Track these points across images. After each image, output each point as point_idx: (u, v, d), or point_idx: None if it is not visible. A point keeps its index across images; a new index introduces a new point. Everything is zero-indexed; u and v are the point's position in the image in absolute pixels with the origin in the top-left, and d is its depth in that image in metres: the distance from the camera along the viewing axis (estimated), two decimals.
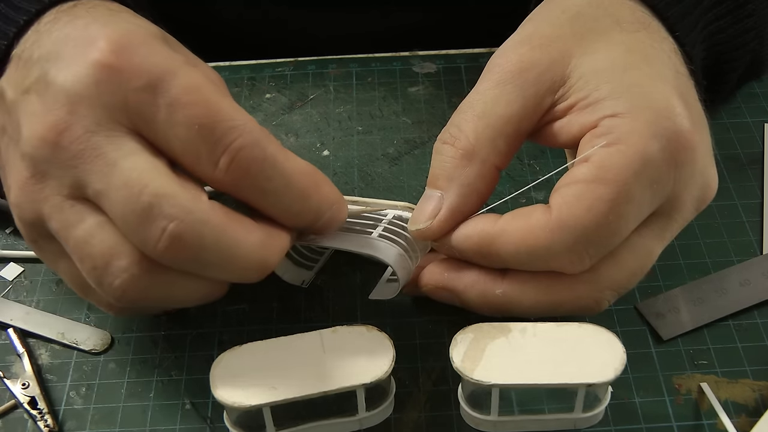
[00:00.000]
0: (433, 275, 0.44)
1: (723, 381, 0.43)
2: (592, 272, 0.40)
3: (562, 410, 0.41)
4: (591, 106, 0.40)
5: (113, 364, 0.45)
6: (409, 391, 0.44)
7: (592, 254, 0.39)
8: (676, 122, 0.39)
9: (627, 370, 0.42)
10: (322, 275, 0.49)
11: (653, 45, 0.42)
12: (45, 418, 0.43)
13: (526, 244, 0.39)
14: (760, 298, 0.46)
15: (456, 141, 0.41)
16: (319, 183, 0.39)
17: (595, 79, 0.40)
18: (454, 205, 0.41)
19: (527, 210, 0.40)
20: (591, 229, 0.38)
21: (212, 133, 0.36)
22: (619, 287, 0.41)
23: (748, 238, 0.50)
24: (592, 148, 0.39)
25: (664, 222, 0.41)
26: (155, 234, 0.35)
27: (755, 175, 0.53)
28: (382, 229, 0.44)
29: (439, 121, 0.57)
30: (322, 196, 0.39)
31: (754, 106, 0.57)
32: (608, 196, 0.38)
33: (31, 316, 0.47)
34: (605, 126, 0.39)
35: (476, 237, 0.41)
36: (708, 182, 0.41)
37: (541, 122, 0.42)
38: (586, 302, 0.41)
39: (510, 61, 0.42)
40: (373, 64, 0.61)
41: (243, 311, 0.47)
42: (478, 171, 0.41)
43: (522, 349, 0.40)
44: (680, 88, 0.41)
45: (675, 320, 0.46)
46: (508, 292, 0.41)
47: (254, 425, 0.41)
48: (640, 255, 0.41)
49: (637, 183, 0.38)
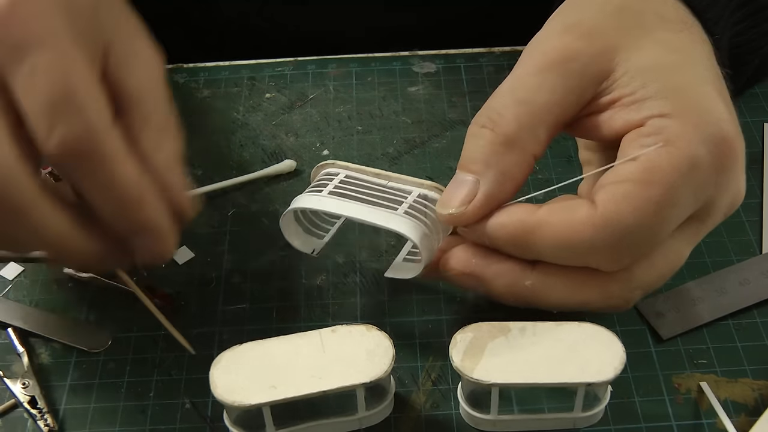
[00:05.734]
0: (460, 261, 0.42)
1: (722, 380, 0.43)
2: (625, 271, 0.40)
3: (561, 410, 0.41)
4: (637, 103, 0.39)
5: (113, 363, 0.45)
6: (409, 391, 0.44)
7: (633, 254, 0.39)
8: (722, 128, 0.39)
9: (627, 370, 0.42)
10: (322, 275, 0.49)
11: (695, 46, 0.42)
12: (45, 418, 0.43)
13: (567, 238, 0.38)
14: (760, 297, 0.46)
15: (496, 126, 0.40)
16: (142, 201, 0.38)
17: (641, 76, 0.40)
18: (491, 192, 0.40)
19: (569, 204, 0.39)
20: (635, 229, 0.38)
21: (54, 108, 0.36)
22: (648, 287, 0.41)
23: (747, 237, 0.50)
24: (641, 147, 0.38)
25: (698, 226, 0.41)
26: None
27: (755, 174, 0.53)
28: (407, 206, 0.42)
29: (438, 121, 0.57)
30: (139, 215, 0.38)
31: (753, 106, 0.57)
32: (656, 197, 0.37)
33: (31, 315, 0.47)
34: (653, 126, 0.38)
35: (512, 227, 0.40)
36: (740, 188, 0.42)
37: (581, 114, 0.41)
38: (616, 301, 0.41)
39: (554, 48, 0.41)
40: (373, 63, 0.61)
41: (243, 311, 0.47)
42: (517, 159, 0.40)
43: (522, 349, 0.40)
44: (723, 93, 0.41)
45: (675, 320, 0.46)
46: (537, 285, 0.41)
47: (254, 425, 0.41)
48: (672, 257, 0.41)
49: (683, 186, 0.38)
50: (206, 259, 0.50)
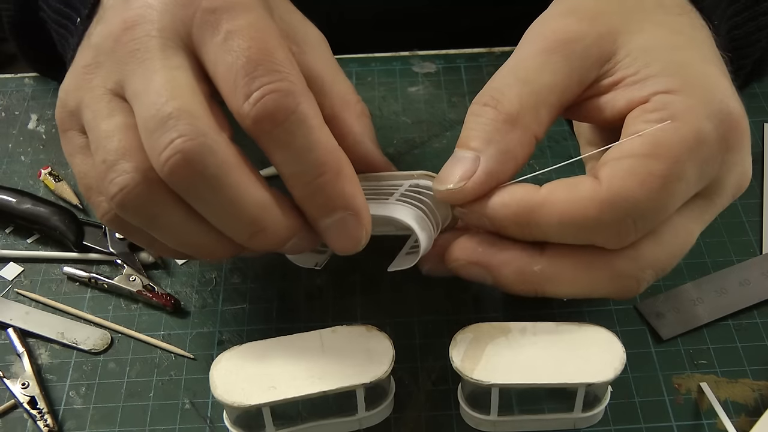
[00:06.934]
0: (464, 250, 0.41)
1: (723, 381, 0.43)
2: (633, 249, 0.39)
3: (561, 410, 0.41)
4: (641, 82, 0.39)
5: (113, 363, 0.45)
6: (409, 391, 0.44)
7: (639, 229, 0.38)
8: (729, 104, 0.39)
9: (627, 370, 0.42)
10: (322, 275, 0.49)
11: (696, 29, 0.42)
12: (45, 418, 0.43)
13: (572, 214, 0.38)
14: (760, 297, 0.46)
15: (498, 104, 0.40)
16: (341, 171, 0.38)
17: (644, 56, 0.40)
18: (492, 169, 0.39)
19: (572, 180, 0.39)
20: (642, 203, 0.37)
21: (254, 68, 0.36)
22: (659, 267, 0.40)
23: (747, 237, 0.50)
24: (646, 123, 0.38)
25: (705, 204, 0.41)
26: (163, 143, 0.36)
27: (755, 174, 0.52)
28: (399, 194, 0.42)
29: (438, 121, 0.57)
30: (338, 186, 0.38)
31: (753, 106, 0.57)
32: (661, 171, 0.37)
33: (31, 315, 0.47)
34: (658, 101, 0.38)
35: (515, 205, 0.39)
36: (746, 170, 0.41)
37: (582, 97, 0.41)
38: (627, 282, 0.40)
39: (556, 30, 0.40)
40: (373, 64, 0.61)
41: (243, 311, 0.47)
42: (519, 137, 0.39)
43: (522, 349, 0.40)
44: (726, 73, 0.41)
45: (675, 320, 0.46)
46: (546, 269, 0.40)
47: (254, 425, 0.41)
48: (680, 235, 0.40)
49: (689, 161, 0.37)
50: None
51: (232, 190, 0.37)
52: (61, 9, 0.48)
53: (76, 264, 0.50)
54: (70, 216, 0.50)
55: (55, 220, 0.50)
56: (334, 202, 0.38)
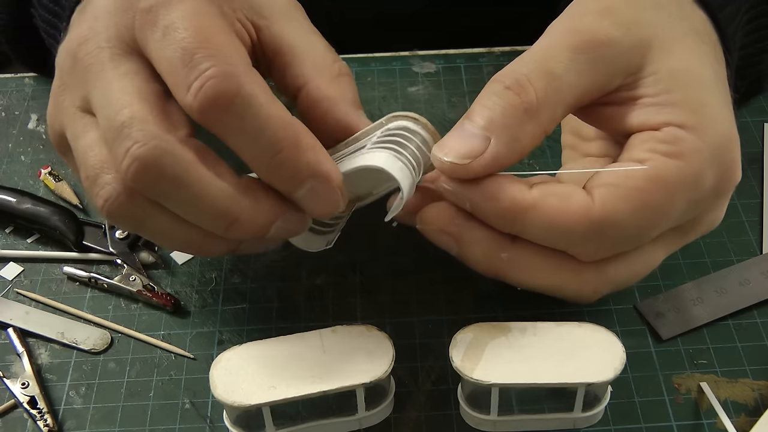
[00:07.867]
0: (440, 216, 0.40)
1: (723, 380, 0.43)
2: (603, 264, 0.40)
3: (561, 410, 0.41)
4: (659, 106, 0.39)
5: (113, 363, 0.45)
6: (409, 391, 0.44)
7: (615, 250, 0.40)
8: (734, 156, 0.40)
9: (626, 370, 0.42)
10: (322, 275, 0.49)
11: (720, 64, 0.42)
12: (44, 418, 0.43)
13: (559, 225, 0.38)
14: (760, 297, 0.46)
15: (522, 93, 0.38)
16: (299, 143, 0.37)
17: (668, 80, 0.39)
18: (500, 155, 0.38)
19: (565, 190, 0.39)
20: (628, 230, 0.38)
21: (191, 58, 0.36)
22: (619, 284, 0.42)
23: (747, 237, 0.50)
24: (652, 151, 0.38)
25: (678, 237, 0.42)
26: (121, 153, 0.36)
27: (755, 174, 0.53)
28: (371, 144, 0.40)
29: (438, 121, 0.57)
30: (300, 158, 0.37)
31: (753, 106, 0.57)
32: (655, 204, 0.38)
33: (31, 315, 0.47)
34: (670, 134, 0.38)
35: (506, 203, 0.38)
36: (722, 213, 0.43)
37: (597, 101, 0.41)
38: (586, 291, 0.41)
39: (590, 30, 0.39)
40: (373, 64, 0.61)
41: (243, 311, 0.47)
42: (533, 130, 0.39)
43: (522, 349, 0.40)
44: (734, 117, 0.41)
45: (674, 320, 0.46)
46: (514, 259, 0.40)
47: (254, 425, 0.41)
48: (647, 260, 0.42)
49: (683, 200, 0.38)
50: (206, 259, 0.50)
51: (195, 187, 0.37)
52: (49, 19, 0.49)
53: (76, 264, 0.50)
54: (70, 216, 0.50)
55: (55, 220, 0.50)
56: (299, 174, 0.37)
